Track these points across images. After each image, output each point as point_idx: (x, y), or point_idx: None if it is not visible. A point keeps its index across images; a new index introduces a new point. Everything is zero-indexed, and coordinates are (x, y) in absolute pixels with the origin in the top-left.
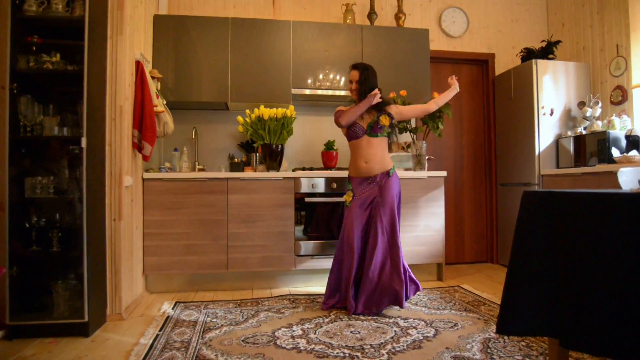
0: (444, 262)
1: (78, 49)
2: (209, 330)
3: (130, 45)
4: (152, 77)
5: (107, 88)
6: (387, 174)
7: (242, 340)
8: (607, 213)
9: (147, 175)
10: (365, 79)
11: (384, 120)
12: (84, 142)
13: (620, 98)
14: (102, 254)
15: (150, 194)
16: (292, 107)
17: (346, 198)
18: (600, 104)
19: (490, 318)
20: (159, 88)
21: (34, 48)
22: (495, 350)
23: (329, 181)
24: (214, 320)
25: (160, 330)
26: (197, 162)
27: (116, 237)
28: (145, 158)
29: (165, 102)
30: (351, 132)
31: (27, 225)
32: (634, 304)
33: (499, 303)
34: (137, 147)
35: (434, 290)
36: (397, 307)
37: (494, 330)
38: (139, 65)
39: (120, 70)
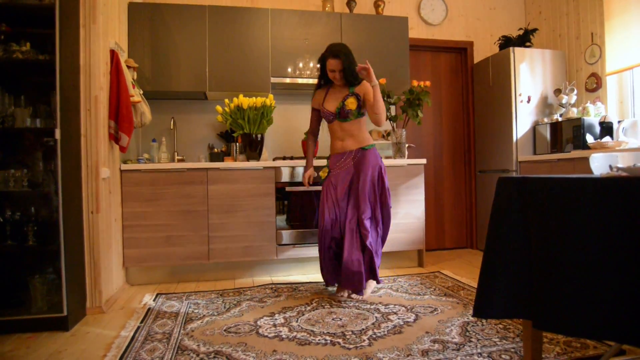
0: (425, 248)
1: (49, 37)
2: (190, 321)
3: (104, 34)
4: (128, 67)
5: (81, 78)
6: (362, 149)
7: (224, 330)
8: (576, 197)
9: (124, 167)
10: (348, 66)
11: (351, 105)
12: (57, 134)
13: (594, 85)
14: (80, 247)
15: (128, 185)
16: (271, 96)
17: (321, 174)
18: (575, 91)
19: (469, 302)
20: (135, 78)
21: (3, 37)
22: (474, 334)
23: None
24: (196, 310)
25: (141, 322)
26: (176, 153)
27: (94, 229)
28: (122, 149)
29: (142, 92)
30: (324, 117)
31: (1, 220)
32: (601, 285)
33: None
34: (114, 138)
35: (414, 276)
36: (374, 288)
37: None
38: (113, 55)
39: (94, 59)
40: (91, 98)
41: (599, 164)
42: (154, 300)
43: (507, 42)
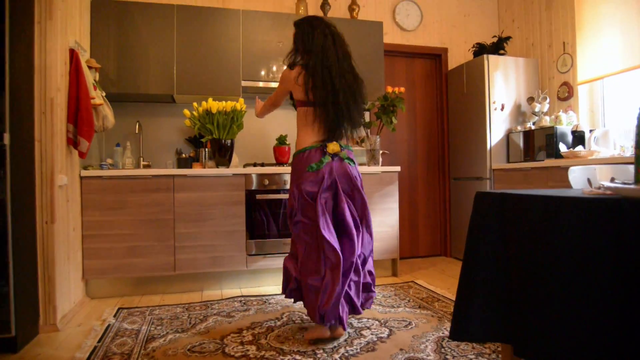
0: (399, 257)
1: None
2: (152, 339)
3: (62, 32)
4: (89, 67)
5: (36, 78)
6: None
7: (188, 350)
8: (560, 217)
9: (85, 173)
10: (296, 35)
11: None
12: (6, 139)
13: (566, 94)
14: (32, 260)
15: (89, 193)
16: (242, 100)
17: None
18: (548, 100)
19: (444, 315)
20: (97, 79)
21: None
22: (449, 350)
23: (281, 177)
24: (159, 327)
25: (98, 341)
26: (141, 158)
27: (49, 241)
28: (81, 155)
29: (104, 94)
30: None
31: None
32: (587, 311)
33: (453, 299)
34: (73, 142)
35: (388, 286)
36: None
37: (447, 329)
38: (73, 54)
39: (50, 58)
40: (47, 100)
41: (577, 176)
42: (114, 316)
43: (481, 50)
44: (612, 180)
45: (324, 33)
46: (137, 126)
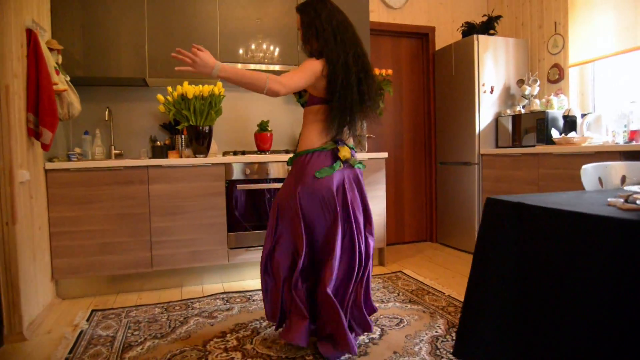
0: (386, 245)
1: None
2: (129, 347)
3: (16, 10)
4: (51, 49)
5: None
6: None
7: (168, 359)
8: (590, 237)
9: (50, 166)
10: (304, 23)
11: None
12: None
13: (557, 76)
14: None
15: (55, 187)
16: (220, 84)
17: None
18: (538, 82)
19: (436, 310)
20: (59, 62)
21: None
22: (445, 352)
23: (263, 166)
24: (136, 333)
25: (70, 352)
26: (113, 147)
27: (10, 243)
28: (44, 147)
29: (69, 78)
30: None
31: None
32: (613, 337)
33: (442, 291)
34: (34, 134)
35: (376, 277)
36: None
37: (441, 326)
38: (31, 35)
39: (3, 41)
40: (1, 88)
41: (590, 173)
42: (87, 320)
43: (470, 29)
44: (624, 180)
45: (337, 20)
46: (106, 112)
